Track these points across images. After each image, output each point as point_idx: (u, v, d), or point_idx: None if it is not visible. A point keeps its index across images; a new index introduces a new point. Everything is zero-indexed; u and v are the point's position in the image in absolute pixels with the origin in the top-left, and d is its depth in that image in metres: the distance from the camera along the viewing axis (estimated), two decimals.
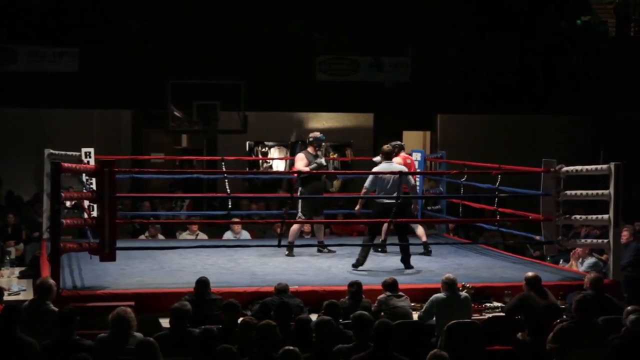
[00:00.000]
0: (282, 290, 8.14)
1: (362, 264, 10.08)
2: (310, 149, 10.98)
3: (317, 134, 11.15)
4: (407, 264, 10.22)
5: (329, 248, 11.17)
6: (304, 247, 10.82)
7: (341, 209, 13.67)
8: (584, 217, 10.38)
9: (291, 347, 5.90)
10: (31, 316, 7.15)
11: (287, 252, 10.93)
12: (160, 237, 12.78)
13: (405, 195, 10.34)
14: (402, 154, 11.14)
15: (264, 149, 17.34)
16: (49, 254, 8.75)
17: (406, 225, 10.53)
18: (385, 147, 10.63)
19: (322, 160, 10.96)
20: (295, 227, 11.02)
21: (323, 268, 10.27)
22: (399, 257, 10.78)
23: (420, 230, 11.28)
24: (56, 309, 7.19)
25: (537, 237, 10.57)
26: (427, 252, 11.17)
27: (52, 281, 7.73)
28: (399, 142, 11.37)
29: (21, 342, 6.48)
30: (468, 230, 14.01)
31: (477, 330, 7.64)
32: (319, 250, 11.15)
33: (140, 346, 6.08)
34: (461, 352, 7.18)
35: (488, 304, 8.82)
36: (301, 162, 10.88)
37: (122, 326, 6.60)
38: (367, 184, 10.36)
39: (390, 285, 8.22)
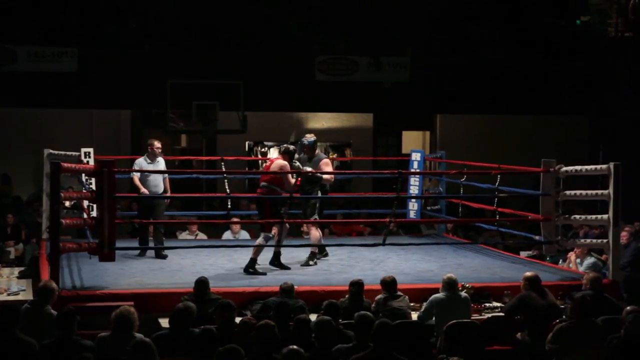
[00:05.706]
0: (287, 290, 8.10)
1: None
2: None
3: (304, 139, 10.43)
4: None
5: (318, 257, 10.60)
6: (303, 247, 10.79)
7: (340, 209, 13.68)
8: (583, 217, 10.38)
9: (295, 347, 5.87)
10: (30, 318, 7.11)
11: (317, 257, 10.50)
12: None
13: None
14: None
15: (263, 149, 17.33)
16: (48, 254, 8.74)
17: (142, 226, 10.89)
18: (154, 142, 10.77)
19: (297, 164, 10.07)
20: (316, 234, 10.58)
21: (322, 268, 10.25)
22: (399, 256, 10.76)
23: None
24: (55, 313, 7.15)
25: (537, 237, 10.57)
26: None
27: (54, 285, 7.67)
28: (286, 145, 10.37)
29: (21, 342, 6.46)
30: (468, 230, 13.99)
31: (477, 330, 7.63)
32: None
33: (137, 347, 6.05)
34: (460, 353, 7.17)
35: (487, 304, 8.82)
36: (329, 168, 10.41)
37: (125, 326, 6.53)
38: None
39: (389, 284, 8.17)
